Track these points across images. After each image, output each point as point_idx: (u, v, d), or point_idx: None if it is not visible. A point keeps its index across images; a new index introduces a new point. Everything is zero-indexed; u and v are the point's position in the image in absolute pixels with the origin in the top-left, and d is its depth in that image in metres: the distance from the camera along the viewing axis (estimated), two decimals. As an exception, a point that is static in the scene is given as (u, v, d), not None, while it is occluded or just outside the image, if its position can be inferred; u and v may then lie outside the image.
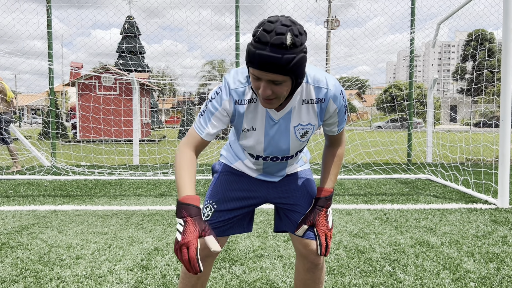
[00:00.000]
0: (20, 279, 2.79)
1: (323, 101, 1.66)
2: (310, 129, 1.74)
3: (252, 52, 1.41)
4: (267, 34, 1.38)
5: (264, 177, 1.92)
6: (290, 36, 1.38)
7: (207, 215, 1.87)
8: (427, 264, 3.07)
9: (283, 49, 1.38)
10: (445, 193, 5.94)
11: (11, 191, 6.11)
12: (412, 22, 8.12)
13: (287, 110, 1.67)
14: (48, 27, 8.02)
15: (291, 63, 1.40)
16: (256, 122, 1.70)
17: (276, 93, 1.48)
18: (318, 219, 1.79)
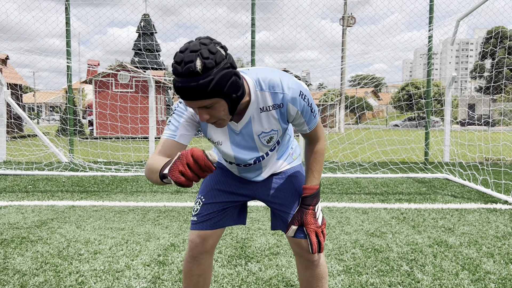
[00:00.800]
0: (40, 273, 2.84)
1: (281, 106, 1.61)
2: (275, 134, 1.72)
3: (173, 84, 1.38)
4: (178, 66, 1.35)
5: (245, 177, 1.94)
6: (200, 61, 1.33)
7: (196, 209, 1.90)
8: (445, 264, 3.03)
9: (195, 76, 1.33)
10: (463, 192, 5.85)
11: (30, 186, 6.22)
12: (431, 19, 8.00)
13: (246, 120, 1.65)
14: (66, 25, 8.12)
15: (210, 85, 1.35)
16: (220, 135, 1.72)
17: (215, 116, 1.45)
18: (305, 218, 1.78)
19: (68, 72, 8.30)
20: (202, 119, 1.44)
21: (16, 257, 3.14)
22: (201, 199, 1.91)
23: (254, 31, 8.32)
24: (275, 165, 1.93)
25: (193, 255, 1.85)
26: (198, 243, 1.84)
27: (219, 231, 1.91)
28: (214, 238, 1.88)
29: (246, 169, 1.88)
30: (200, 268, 1.88)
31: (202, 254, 1.86)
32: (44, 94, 54.07)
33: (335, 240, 3.61)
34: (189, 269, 1.88)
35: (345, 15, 26.73)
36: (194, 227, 1.88)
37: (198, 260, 1.86)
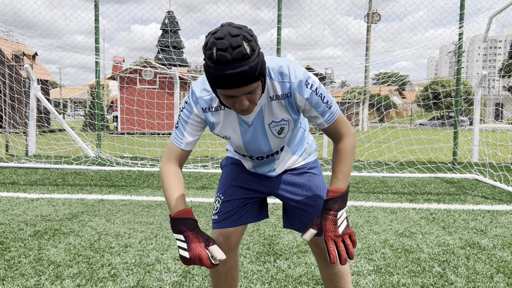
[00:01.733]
0: (73, 264, 2.90)
1: (289, 95, 1.58)
2: (285, 124, 1.67)
3: (216, 75, 1.35)
4: (225, 52, 1.32)
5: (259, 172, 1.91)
6: (247, 44, 1.33)
7: (216, 208, 1.88)
8: (479, 267, 2.96)
9: (246, 59, 1.33)
10: (494, 194, 5.70)
11: (60, 180, 6.36)
12: (462, 16, 7.82)
13: (258, 110, 1.63)
14: (95, 22, 8.26)
15: (257, 68, 1.36)
16: (229, 130, 1.68)
17: (252, 101, 1.45)
18: (324, 223, 1.60)
19: (97, 68, 8.45)
20: (244, 106, 1.42)
21: (50, 249, 3.21)
22: (220, 197, 1.90)
23: (280, 28, 8.30)
24: (289, 160, 1.89)
25: None
26: (222, 241, 1.82)
27: (241, 228, 1.88)
28: (237, 236, 1.86)
29: (259, 163, 1.85)
30: (226, 266, 1.86)
31: (226, 253, 1.83)
32: (69, 90, 55.23)
33: (364, 239, 3.57)
34: (215, 268, 1.86)
35: (370, 12, 26.38)
36: (216, 226, 1.86)
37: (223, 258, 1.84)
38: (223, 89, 1.39)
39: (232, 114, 1.65)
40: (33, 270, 2.79)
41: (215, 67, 1.35)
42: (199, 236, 1.51)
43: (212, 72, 1.36)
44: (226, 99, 1.45)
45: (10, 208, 4.51)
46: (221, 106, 1.63)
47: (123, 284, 2.61)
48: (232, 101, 1.44)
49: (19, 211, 4.38)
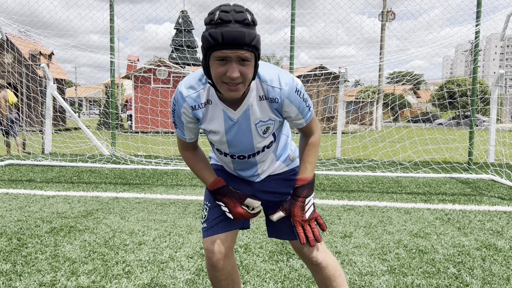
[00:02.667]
0: (89, 261, 2.94)
1: (277, 101, 1.63)
2: (271, 124, 1.71)
3: (216, 33, 1.42)
4: (228, 13, 1.42)
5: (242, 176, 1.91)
6: (249, 16, 1.45)
7: (204, 216, 1.87)
8: (495, 268, 2.92)
9: (245, 25, 1.43)
10: (511, 194, 5.61)
11: (75, 178, 6.44)
12: (478, 14, 7.70)
13: (245, 108, 1.64)
14: (110, 21, 8.34)
15: (255, 39, 1.45)
16: (215, 124, 1.70)
17: (243, 75, 1.47)
18: (293, 209, 1.75)
19: (112, 67, 8.53)
20: (233, 74, 1.45)
21: (65, 245, 3.26)
22: (207, 205, 1.89)
23: (293, 26, 8.28)
24: (273, 166, 1.91)
25: (213, 263, 1.79)
26: (215, 250, 1.78)
27: (233, 234, 1.85)
28: (229, 241, 1.83)
29: (241, 164, 1.85)
30: (223, 272, 1.82)
31: (221, 260, 1.79)
32: (84, 89, 55.88)
33: (377, 239, 3.54)
34: (214, 276, 1.83)
35: (384, 10, 26.15)
36: (207, 234, 1.83)
37: (219, 267, 1.80)
38: (219, 50, 1.44)
39: (218, 110, 1.67)
40: (49, 266, 2.83)
41: (216, 27, 1.44)
42: (233, 198, 1.77)
43: (211, 32, 1.44)
44: (218, 66, 1.47)
45: (27, 205, 4.59)
46: (209, 100, 1.66)
47: (137, 281, 2.63)
48: (223, 69, 1.47)
49: (35, 208, 4.46)
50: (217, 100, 1.66)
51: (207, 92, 1.66)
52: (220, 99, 1.66)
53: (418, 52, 8.63)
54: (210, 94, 1.66)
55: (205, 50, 1.49)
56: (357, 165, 8.02)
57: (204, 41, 1.48)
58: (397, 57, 8.58)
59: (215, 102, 1.66)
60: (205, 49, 1.49)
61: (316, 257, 1.81)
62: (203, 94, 1.66)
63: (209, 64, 1.51)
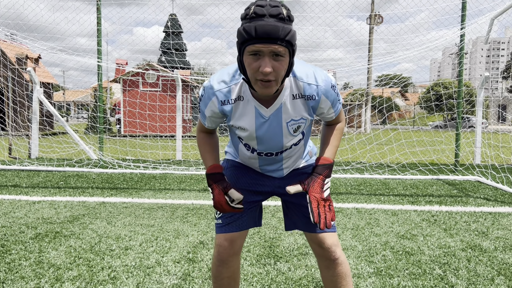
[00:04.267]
0: (74, 267, 2.91)
1: (314, 98, 1.63)
2: (303, 123, 1.71)
3: (250, 27, 1.42)
4: (263, 8, 1.41)
5: (265, 172, 1.91)
6: (285, 11, 1.44)
7: (219, 212, 1.86)
8: (480, 269, 2.95)
9: (280, 20, 1.42)
10: (496, 195, 5.68)
11: (62, 182, 6.38)
12: (463, 18, 7.80)
13: (277, 106, 1.64)
14: (98, 24, 8.29)
15: (289, 33, 1.44)
16: (245, 121, 1.68)
17: (276, 71, 1.46)
18: (313, 184, 1.68)
19: (99, 71, 8.47)
20: (266, 69, 1.44)
21: (50, 251, 3.22)
22: None
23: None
24: (295, 163, 1.91)
25: (222, 258, 1.82)
26: (227, 246, 1.81)
27: (245, 232, 1.88)
28: (241, 240, 1.86)
29: (267, 160, 1.84)
30: (229, 270, 1.86)
31: (231, 257, 1.83)
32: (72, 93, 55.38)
33: (364, 241, 3.56)
34: (219, 272, 1.85)
35: (372, 14, 26.39)
36: (221, 230, 1.84)
37: (227, 263, 1.83)
38: (252, 44, 1.43)
39: (250, 106, 1.65)
40: (33, 273, 2.79)
41: (250, 21, 1.43)
42: (219, 186, 1.72)
43: (245, 27, 1.44)
44: (251, 60, 1.46)
45: (12, 210, 4.53)
46: (241, 97, 1.65)
47: (123, 286, 2.61)
48: (256, 64, 1.45)
49: (20, 213, 4.40)
50: (249, 96, 1.64)
51: (239, 88, 1.64)
52: (253, 96, 1.64)
53: (405, 55, 8.72)
54: (242, 90, 1.64)
55: (239, 45, 1.48)
56: (345, 168, 8.06)
57: (238, 36, 1.47)
58: (384, 60, 8.65)
59: (247, 99, 1.65)
60: (239, 44, 1.48)
61: (335, 252, 1.81)
62: (235, 90, 1.64)
63: (243, 59, 1.50)
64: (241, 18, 1.48)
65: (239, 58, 1.52)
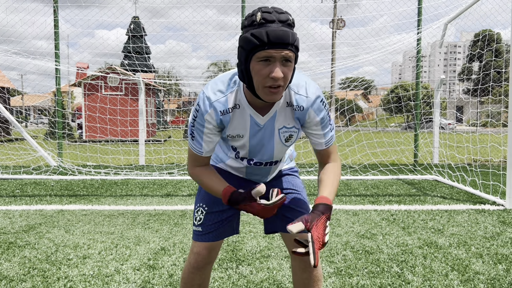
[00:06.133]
0: (27, 278, 2.80)
1: (302, 109, 1.63)
2: (295, 132, 1.71)
3: (260, 33, 1.40)
4: (270, 14, 1.41)
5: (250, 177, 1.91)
6: (290, 16, 1.45)
7: (199, 219, 1.83)
8: (435, 265, 3.05)
9: (288, 25, 1.43)
10: (452, 194, 5.90)
11: (18, 191, 6.14)
12: (419, 22, 8.08)
13: (272, 114, 1.64)
14: (55, 27, 8.05)
15: (296, 40, 1.45)
16: (240, 129, 1.66)
17: (285, 76, 1.45)
18: (316, 224, 1.47)
19: (57, 75, 8.23)
20: (278, 75, 1.42)
21: (3, 263, 3.09)
22: (203, 208, 1.84)
23: (244, 33, 8.31)
24: (279, 168, 1.93)
25: (198, 266, 1.82)
26: (205, 255, 1.80)
27: (221, 241, 1.88)
28: (218, 248, 1.86)
29: (255, 170, 1.83)
30: (201, 277, 1.86)
31: (206, 265, 1.84)
32: (32, 97, 53.48)
33: (326, 242, 3.61)
34: (191, 279, 1.84)
35: (335, 18, 26.88)
36: (201, 239, 1.81)
37: (201, 271, 1.83)
38: (264, 50, 1.40)
39: (245, 114, 1.63)
40: (-16, 286, 2.67)
41: (259, 28, 1.41)
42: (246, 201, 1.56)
43: (254, 32, 1.41)
44: (262, 67, 1.43)
45: (-38, 221, 4.32)
46: (237, 105, 1.61)
47: (80, 296, 2.53)
48: (266, 70, 1.43)
49: (-28, 224, 4.20)
50: (245, 104, 1.61)
51: (234, 96, 1.60)
52: (249, 104, 1.61)
53: (364, 59, 8.93)
54: (237, 99, 1.60)
55: (246, 52, 1.44)
56: (309, 169, 8.16)
57: (245, 43, 1.43)
58: (345, 63, 8.83)
59: (242, 107, 1.61)
60: (246, 51, 1.44)
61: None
62: (231, 99, 1.60)
63: (249, 67, 1.46)
64: (245, 26, 1.45)
65: (243, 66, 1.48)
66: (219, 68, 47.31)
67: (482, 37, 18.88)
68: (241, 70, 1.50)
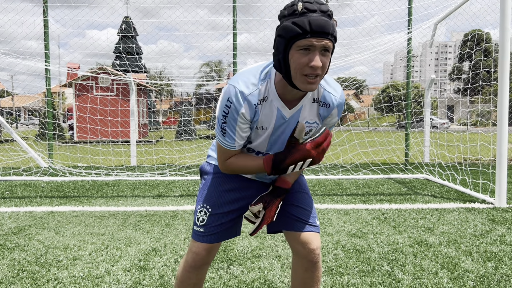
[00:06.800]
0: (16, 281, 2.77)
1: (328, 106, 1.67)
2: (314, 127, 1.71)
3: (302, 21, 1.41)
4: (312, 4, 1.42)
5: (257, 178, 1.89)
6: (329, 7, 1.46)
7: (202, 220, 1.81)
8: (425, 264, 3.07)
9: (328, 16, 1.44)
10: (443, 192, 5.94)
11: (8, 192, 6.08)
12: (409, 22, 8.13)
13: (298, 108, 1.64)
14: (44, 27, 7.99)
15: (335, 31, 1.46)
16: (267, 121, 1.65)
17: (324, 66, 1.46)
18: (270, 207, 1.73)
19: (47, 76, 8.16)
20: (317, 63, 1.43)
21: (-8, 265, 3.06)
22: (207, 209, 1.82)
23: (236, 33, 8.33)
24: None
25: (196, 266, 1.82)
26: (204, 255, 1.80)
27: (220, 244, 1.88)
28: (217, 249, 1.86)
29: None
30: (198, 277, 1.86)
31: (204, 265, 1.83)
32: (22, 98, 53.01)
33: (317, 241, 3.61)
34: (188, 278, 1.84)
35: (326, 18, 26.93)
36: (202, 240, 1.80)
37: (199, 271, 1.83)
38: (305, 38, 1.41)
39: (273, 107, 1.62)
40: (-28, 289, 2.64)
41: (300, 16, 1.41)
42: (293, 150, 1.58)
43: (295, 21, 1.41)
44: (301, 56, 1.44)
45: (-49, 224, 4.27)
46: (265, 97, 1.60)
47: (69, 298, 2.52)
48: (305, 59, 1.44)
49: (-40, 227, 4.15)
50: (274, 96, 1.60)
51: (264, 88, 1.60)
52: (279, 96, 1.61)
53: (356, 59, 8.96)
54: (267, 91, 1.60)
55: (286, 41, 1.44)
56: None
57: (286, 31, 1.43)
58: (336, 63, 8.86)
59: (270, 99, 1.61)
60: (285, 39, 1.44)
61: (318, 256, 1.80)
62: (261, 91, 1.60)
63: (288, 55, 1.46)
64: (285, 15, 1.46)
65: (281, 55, 1.48)
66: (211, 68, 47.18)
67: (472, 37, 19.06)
68: (279, 60, 1.50)
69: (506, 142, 4.90)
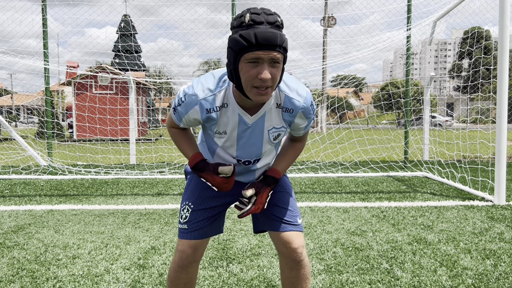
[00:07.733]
0: (16, 279, 2.78)
1: (291, 112, 1.67)
2: (283, 131, 1.75)
3: (248, 34, 1.41)
4: (259, 15, 1.42)
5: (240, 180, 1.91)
6: (279, 17, 1.46)
7: (185, 217, 1.84)
8: (424, 261, 3.07)
9: (276, 27, 1.44)
10: (442, 190, 5.95)
11: (7, 191, 6.08)
12: (409, 19, 8.11)
13: (261, 114, 1.66)
14: (43, 26, 7.97)
15: (285, 41, 1.46)
16: (228, 127, 1.68)
17: (273, 78, 1.47)
18: (262, 194, 1.75)
19: (46, 74, 8.15)
20: (266, 76, 1.44)
21: (-9, 264, 3.06)
22: (189, 206, 1.85)
23: (234, 31, 8.30)
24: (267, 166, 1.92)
25: (183, 264, 1.81)
26: (190, 253, 1.80)
27: (207, 240, 1.88)
28: (204, 247, 1.86)
29: (243, 169, 1.84)
30: (188, 276, 1.85)
31: (192, 263, 1.83)
32: (21, 97, 52.95)
33: (316, 239, 3.62)
34: (177, 277, 1.84)
35: (326, 16, 26.91)
36: (186, 236, 1.81)
37: (187, 269, 1.83)
38: (252, 51, 1.42)
39: (234, 113, 1.64)
40: (-29, 288, 2.64)
41: (247, 29, 1.42)
42: (209, 172, 1.69)
43: (242, 34, 1.42)
44: (250, 68, 1.45)
45: (-50, 223, 4.27)
46: (225, 104, 1.63)
47: (69, 297, 2.52)
48: (254, 71, 1.45)
49: (-41, 225, 4.15)
50: (234, 103, 1.62)
51: (223, 95, 1.62)
52: (238, 103, 1.62)
53: (355, 56, 8.95)
54: (226, 97, 1.62)
55: (235, 53, 1.45)
56: (300, 167, 8.17)
57: (234, 44, 1.44)
58: (335, 61, 8.85)
59: (231, 106, 1.63)
60: (234, 52, 1.45)
61: (301, 254, 1.81)
62: (219, 97, 1.62)
63: (238, 67, 1.47)
64: (234, 26, 1.47)
65: (232, 66, 1.50)
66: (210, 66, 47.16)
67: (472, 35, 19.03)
68: (230, 71, 1.52)
69: (506, 140, 4.90)
